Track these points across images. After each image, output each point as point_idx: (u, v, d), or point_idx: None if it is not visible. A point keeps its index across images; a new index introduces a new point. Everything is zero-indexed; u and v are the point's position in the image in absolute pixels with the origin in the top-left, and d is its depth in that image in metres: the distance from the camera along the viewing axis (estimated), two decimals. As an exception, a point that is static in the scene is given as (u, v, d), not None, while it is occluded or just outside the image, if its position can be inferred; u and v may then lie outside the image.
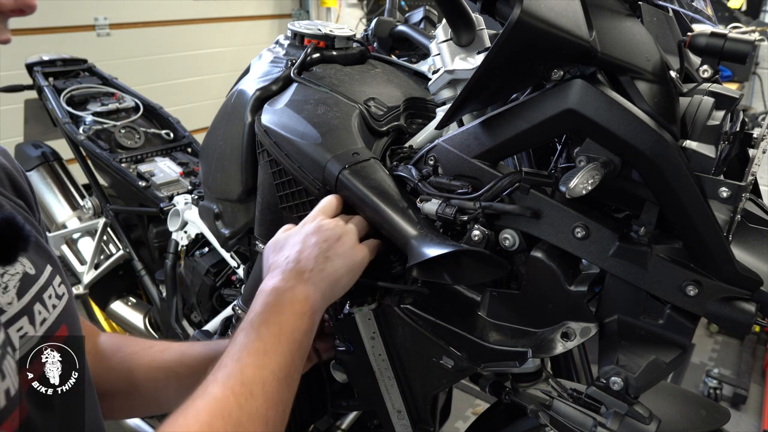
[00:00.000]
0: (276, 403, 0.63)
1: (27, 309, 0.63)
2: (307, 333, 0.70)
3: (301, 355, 0.69)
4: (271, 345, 0.65)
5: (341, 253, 0.76)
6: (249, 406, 0.60)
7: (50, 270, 0.69)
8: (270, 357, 0.64)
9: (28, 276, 0.65)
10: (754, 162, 0.73)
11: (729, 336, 2.84)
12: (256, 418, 0.59)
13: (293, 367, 0.67)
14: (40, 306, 0.66)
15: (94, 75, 2.22)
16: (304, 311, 0.70)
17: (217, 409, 0.58)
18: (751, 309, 0.66)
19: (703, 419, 0.89)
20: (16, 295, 0.62)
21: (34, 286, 0.65)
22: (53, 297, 0.68)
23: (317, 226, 0.78)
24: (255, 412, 0.60)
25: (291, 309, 0.69)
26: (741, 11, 3.12)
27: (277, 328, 0.67)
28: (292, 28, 1.14)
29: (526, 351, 0.75)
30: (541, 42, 0.63)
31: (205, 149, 1.16)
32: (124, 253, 1.87)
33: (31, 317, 0.64)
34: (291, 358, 0.67)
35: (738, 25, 3.04)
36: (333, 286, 0.75)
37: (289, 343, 0.67)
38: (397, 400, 0.89)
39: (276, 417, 0.62)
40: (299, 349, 0.68)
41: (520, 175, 0.72)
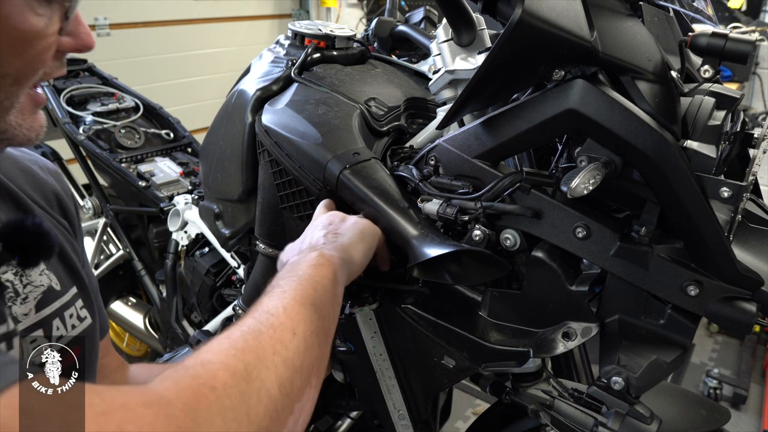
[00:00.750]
0: (303, 321, 0.57)
1: (44, 322, 0.64)
2: (333, 281, 0.66)
3: (328, 302, 0.64)
4: (289, 285, 0.62)
5: (349, 226, 0.77)
6: (269, 320, 0.55)
7: (75, 292, 0.70)
8: (289, 292, 0.60)
9: (52, 290, 0.66)
10: (755, 162, 0.73)
11: (729, 336, 2.84)
12: (279, 329, 0.54)
13: (320, 303, 0.62)
14: (59, 322, 0.66)
15: (94, 75, 2.22)
16: (322, 263, 0.67)
17: (235, 327, 0.54)
18: (751, 309, 0.66)
19: (703, 419, 0.89)
20: (34, 307, 0.63)
21: (56, 302, 0.66)
22: (74, 317, 0.68)
23: (318, 221, 0.79)
24: (278, 324, 0.55)
25: (308, 263, 0.67)
26: (741, 11, 3.12)
27: (295, 277, 0.63)
28: (293, 28, 1.14)
29: (527, 351, 0.75)
30: (542, 42, 0.63)
31: (205, 149, 1.16)
32: (124, 253, 1.87)
33: (48, 331, 0.64)
34: (315, 295, 0.62)
35: (738, 25, 3.04)
36: (348, 251, 0.73)
37: (310, 284, 0.63)
38: (398, 400, 0.89)
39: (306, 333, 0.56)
40: (325, 293, 0.64)
41: (521, 175, 0.72)
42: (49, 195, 0.76)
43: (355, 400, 0.98)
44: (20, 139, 0.61)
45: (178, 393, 0.43)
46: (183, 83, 4.18)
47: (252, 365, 0.49)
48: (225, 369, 0.47)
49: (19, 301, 0.63)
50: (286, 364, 0.52)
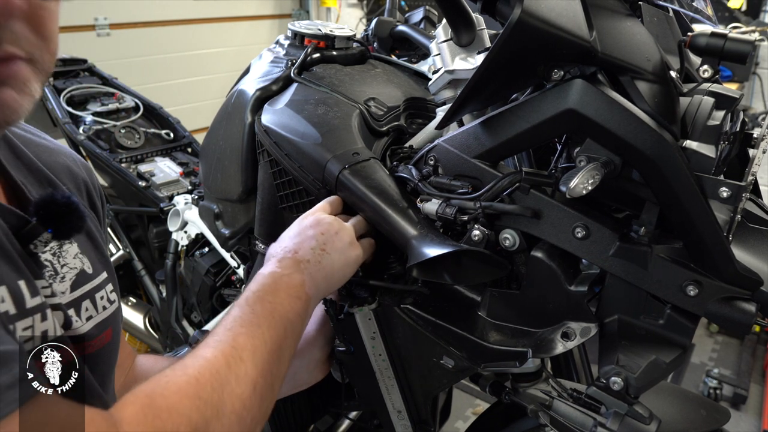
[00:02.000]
0: (265, 372, 0.62)
1: (75, 302, 0.68)
2: (301, 316, 0.71)
3: (294, 335, 0.69)
4: (264, 319, 0.66)
5: (338, 248, 0.77)
6: (238, 368, 0.59)
7: (106, 276, 0.74)
8: (263, 329, 0.64)
9: (84, 273, 0.70)
10: (754, 162, 0.73)
11: (729, 336, 2.84)
12: (244, 381, 0.59)
13: (285, 344, 0.67)
14: (89, 303, 0.70)
15: (94, 75, 2.22)
16: (299, 295, 0.71)
17: (206, 365, 0.58)
18: (751, 309, 0.66)
19: (703, 419, 0.89)
20: (69, 287, 0.67)
21: (88, 284, 0.70)
22: (105, 299, 0.72)
23: (316, 220, 0.79)
24: (244, 374, 0.59)
25: (287, 291, 0.70)
26: (741, 11, 3.12)
27: (271, 306, 0.67)
28: (292, 28, 1.14)
29: (526, 351, 0.75)
30: (541, 42, 0.63)
31: (205, 149, 1.16)
32: (124, 253, 1.87)
33: (78, 310, 0.68)
34: (284, 335, 0.66)
35: (738, 25, 3.04)
36: (328, 280, 0.76)
37: (282, 320, 0.67)
38: (398, 400, 0.89)
39: (265, 385, 0.62)
40: (293, 329, 0.68)
41: (520, 175, 0.72)
42: (80, 184, 0.79)
43: (354, 400, 0.98)
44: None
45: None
46: (183, 83, 4.18)
47: (209, 420, 0.54)
48: (188, 424, 0.52)
49: (58, 279, 0.66)
50: (239, 422, 0.57)
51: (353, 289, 0.84)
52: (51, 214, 0.62)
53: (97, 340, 0.69)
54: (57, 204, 0.63)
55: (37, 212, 0.62)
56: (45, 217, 0.62)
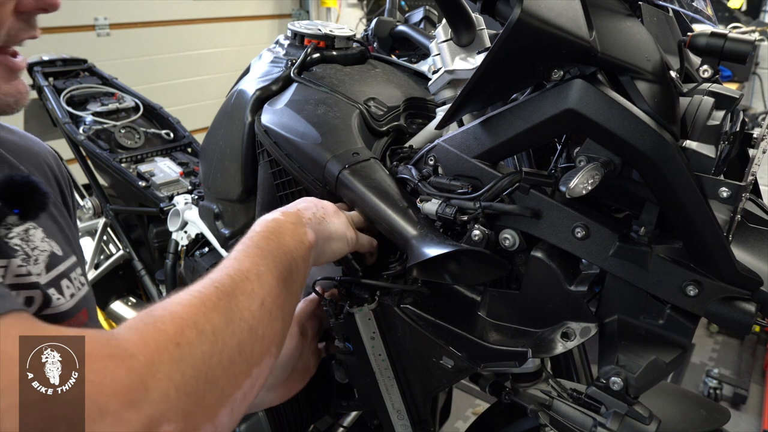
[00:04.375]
0: (273, 295, 0.59)
1: (54, 282, 0.68)
2: (305, 260, 0.68)
3: (298, 277, 0.66)
4: (269, 253, 0.63)
5: (336, 222, 0.77)
6: (244, 285, 0.57)
7: (75, 260, 0.74)
8: (268, 261, 0.62)
9: (56, 256, 0.70)
10: (754, 162, 0.73)
11: (729, 336, 2.84)
12: (251, 296, 0.56)
13: (291, 280, 0.63)
14: (68, 281, 0.70)
15: (94, 75, 2.22)
16: (303, 240, 0.68)
17: (209, 283, 0.55)
18: (751, 309, 0.66)
19: (703, 419, 0.89)
20: (44, 269, 0.67)
21: (60, 265, 0.71)
22: (77, 282, 0.72)
23: (312, 198, 0.79)
24: (250, 291, 0.57)
25: (291, 235, 0.68)
26: (741, 11, 3.12)
27: (276, 245, 0.65)
28: (292, 28, 1.14)
29: (526, 351, 0.75)
30: (541, 42, 0.63)
31: (205, 149, 1.16)
32: (124, 253, 1.87)
33: (60, 290, 0.68)
34: (288, 270, 0.63)
35: (738, 25, 3.04)
36: (327, 242, 0.74)
37: (287, 257, 0.64)
38: (397, 400, 0.89)
39: (273, 306, 0.58)
40: (297, 269, 0.65)
41: (520, 175, 0.72)
42: (44, 168, 0.79)
43: (354, 400, 0.98)
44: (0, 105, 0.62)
45: (142, 347, 0.44)
46: (183, 83, 4.18)
47: (218, 328, 0.50)
48: (193, 327, 0.48)
49: (31, 262, 0.66)
50: (250, 331, 0.54)
51: (353, 289, 0.84)
52: (13, 195, 0.63)
53: (75, 320, 0.69)
54: (17, 184, 0.64)
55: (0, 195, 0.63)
56: (8, 198, 0.63)
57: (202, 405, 0.46)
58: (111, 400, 0.40)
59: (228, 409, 0.49)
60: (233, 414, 0.50)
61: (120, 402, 0.41)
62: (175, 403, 0.44)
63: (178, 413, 0.44)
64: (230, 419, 0.50)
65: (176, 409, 0.44)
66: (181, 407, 0.44)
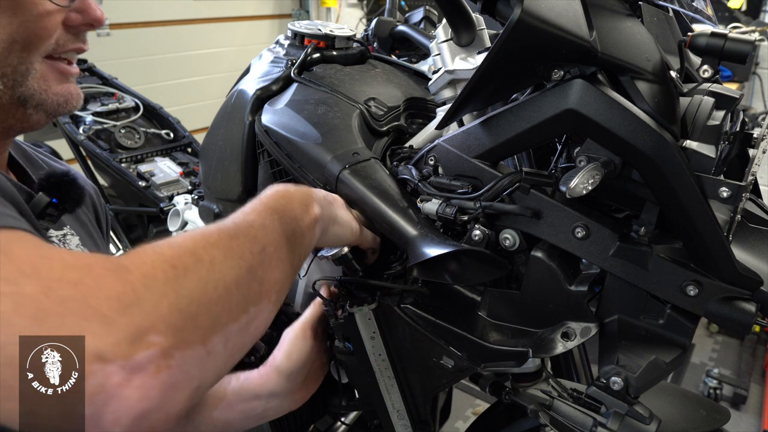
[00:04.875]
0: (275, 243, 0.59)
1: None
2: (311, 229, 0.69)
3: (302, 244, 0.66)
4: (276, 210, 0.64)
5: (343, 211, 0.78)
6: (247, 231, 0.57)
7: None
8: (274, 217, 0.62)
9: None
10: (754, 162, 0.73)
11: (729, 336, 2.84)
12: (252, 241, 0.56)
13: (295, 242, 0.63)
14: None
15: (94, 75, 2.23)
16: (309, 211, 0.69)
17: (213, 225, 0.56)
18: (751, 309, 0.66)
19: (703, 419, 0.89)
20: None
21: None
22: None
23: (322, 190, 0.80)
24: (253, 236, 0.57)
25: (300, 203, 0.69)
26: (741, 11, 3.12)
27: (283, 207, 0.65)
28: (292, 28, 1.14)
29: (526, 351, 0.75)
30: (541, 42, 0.63)
31: (205, 149, 1.16)
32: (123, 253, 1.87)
33: None
34: (293, 234, 0.63)
35: (738, 25, 3.04)
36: (332, 224, 0.75)
37: (293, 222, 0.65)
38: (397, 400, 0.89)
39: (274, 254, 0.58)
40: (302, 236, 0.66)
41: (520, 175, 0.72)
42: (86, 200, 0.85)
43: (354, 400, 0.98)
44: (50, 105, 0.71)
45: (139, 264, 0.46)
46: (183, 83, 4.18)
47: (217, 260, 0.51)
48: (190, 255, 0.49)
49: None
50: (249, 270, 0.54)
51: (353, 289, 0.84)
52: (53, 185, 0.72)
53: None
54: (57, 175, 0.73)
55: (41, 185, 0.72)
56: (48, 188, 0.72)
57: (193, 325, 0.46)
58: (103, 303, 0.42)
59: (222, 338, 0.49)
60: (227, 345, 0.50)
61: (111, 306, 0.42)
62: (166, 317, 0.44)
63: (168, 327, 0.44)
64: (224, 349, 0.50)
65: (166, 322, 0.44)
66: (172, 322, 0.44)
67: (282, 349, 0.87)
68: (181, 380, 0.45)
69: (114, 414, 0.41)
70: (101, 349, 0.41)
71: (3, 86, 0.68)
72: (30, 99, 0.69)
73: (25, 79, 0.68)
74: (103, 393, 0.41)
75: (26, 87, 0.69)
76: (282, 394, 0.88)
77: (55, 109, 0.72)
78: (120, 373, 0.41)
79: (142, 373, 0.42)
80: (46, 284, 0.42)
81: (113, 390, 0.41)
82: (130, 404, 0.42)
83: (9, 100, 0.69)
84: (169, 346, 0.44)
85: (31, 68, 0.68)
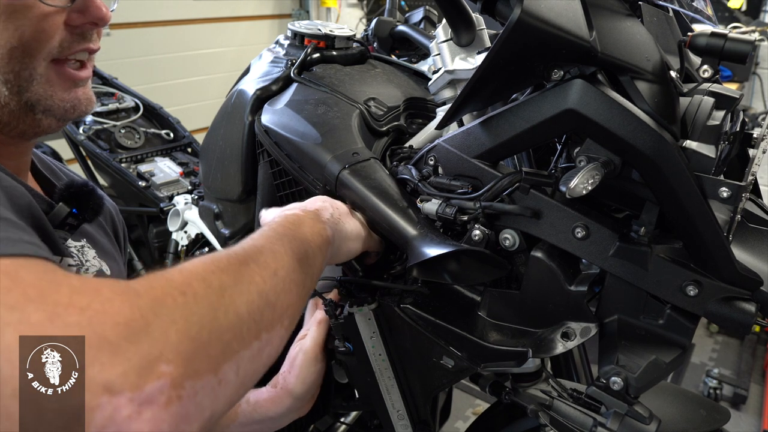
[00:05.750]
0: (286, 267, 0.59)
1: None
2: (322, 251, 0.69)
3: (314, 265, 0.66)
4: (286, 237, 0.63)
5: (351, 222, 0.78)
6: (257, 257, 0.57)
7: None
8: (284, 241, 0.62)
9: (104, 273, 0.75)
10: (754, 162, 0.73)
11: (729, 336, 2.84)
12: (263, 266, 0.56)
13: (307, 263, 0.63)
14: None
15: (94, 75, 2.22)
16: (321, 233, 0.69)
17: (223, 252, 0.56)
18: (751, 309, 0.66)
19: (703, 419, 0.89)
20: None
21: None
22: None
23: (323, 198, 0.80)
24: (263, 262, 0.57)
25: (310, 227, 0.69)
26: (741, 11, 3.12)
27: (293, 232, 0.65)
28: (292, 28, 1.14)
29: (526, 351, 0.75)
30: (541, 42, 0.63)
31: (205, 149, 1.16)
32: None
33: None
34: (305, 255, 0.63)
35: (738, 25, 3.04)
36: (344, 242, 0.75)
37: (304, 245, 0.64)
38: (397, 400, 0.89)
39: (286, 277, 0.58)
40: (314, 257, 0.66)
41: (520, 175, 0.72)
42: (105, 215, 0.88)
43: (354, 401, 0.98)
44: (58, 111, 0.70)
45: (148, 289, 0.45)
46: (183, 83, 4.18)
47: (227, 285, 0.50)
48: (201, 281, 0.48)
49: (82, 270, 0.71)
50: (260, 294, 0.53)
51: (353, 289, 0.84)
52: (72, 195, 0.73)
53: None
54: (77, 186, 0.74)
55: (61, 195, 0.72)
56: (68, 197, 0.72)
57: (204, 353, 0.45)
58: (111, 330, 0.41)
59: (233, 365, 0.48)
60: (239, 373, 0.49)
61: (119, 332, 0.41)
62: (176, 345, 0.43)
63: (178, 356, 0.43)
64: (236, 377, 0.48)
65: (176, 351, 0.43)
66: (182, 350, 0.43)
67: (295, 375, 0.87)
68: (192, 411, 0.43)
69: None
70: (109, 380, 0.39)
71: (8, 92, 0.67)
72: (37, 104, 0.69)
73: (29, 85, 0.67)
74: (112, 426, 0.39)
75: (32, 92, 0.68)
76: (294, 411, 0.89)
77: (63, 115, 0.71)
78: (129, 405, 0.40)
79: (153, 405, 0.41)
80: (53, 310, 0.41)
81: (123, 424, 0.40)
82: None
83: (17, 105, 0.68)
84: (180, 375, 0.42)
85: (35, 73, 0.67)
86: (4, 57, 0.65)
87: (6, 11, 0.63)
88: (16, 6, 0.63)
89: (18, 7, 0.63)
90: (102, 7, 0.70)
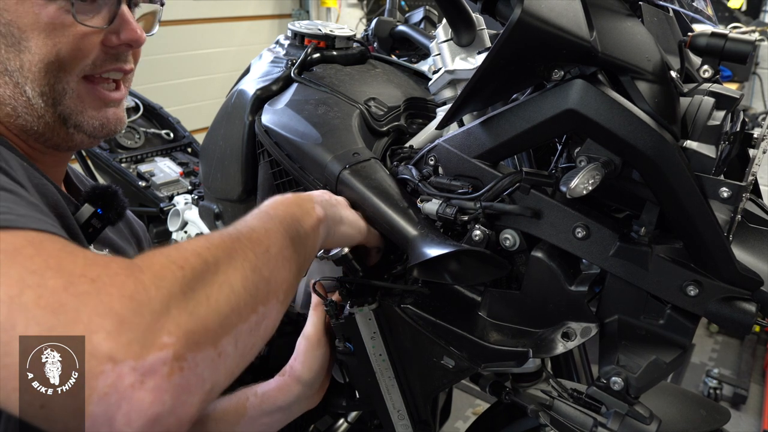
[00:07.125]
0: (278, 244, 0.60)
1: None
2: (314, 230, 0.69)
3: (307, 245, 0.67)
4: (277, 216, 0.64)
5: (347, 210, 0.79)
6: (249, 234, 0.58)
7: None
8: (276, 221, 0.63)
9: None
10: (755, 162, 0.73)
11: (729, 336, 2.84)
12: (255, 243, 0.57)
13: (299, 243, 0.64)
14: None
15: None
16: (311, 213, 0.70)
17: (215, 232, 0.58)
18: (751, 309, 0.66)
19: (703, 419, 0.89)
20: None
21: None
22: None
23: (323, 191, 0.80)
24: (255, 239, 0.58)
25: (300, 206, 0.69)
26: (741, 11, 3.12)
27: (284, 212, 0.66)
28: (293, 28, 1.14)
29: (526, 351, 0.75)
30: (541, 42, 0.63)
31: (205, 149, 1.16)
32: (124, 253, 1.87)
33: None
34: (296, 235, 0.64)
35: (738, 25, 3.04)
36: (338, 224, 0.76)
37: (295, 224, 0.65)
38: (398, 400, 0.89)
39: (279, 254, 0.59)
40: (306, 237, 0.67)
41: (520, 175, 0.72)
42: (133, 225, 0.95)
43: (354, 401, 0.98)
44: (87, 127, 0.73)
45: (149, 265, 0.48)
46: (183, 83, 4.18)
47: (221, 260, 0.52)
48: (197, 256, 0.50)
49: None
50: (253, 270, 0.55)
51: (354, 289, 0.84)
52: (98, 196, 0.77)
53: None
54: (101, 188, 0.78)
55: (87, 197, 0.76)
56: (93, 199, 0.76)
57: (203, 327, 0.47)
58: (118, 301, 0.43)
59: (232, 339, 0.49)
60: (238, 345, 0.50)
61: (125, 304, 0.43)
62: (176, 318, 0.45)
63: (179, 328, 0.44)
64: (235, 350, 0.50)
65: (177, 323, 0.45)
66: (182, 323, 0.45)
67: (300, 361, 0.87)
68: (193, 383, 0.45)
69: (126, 417, 0.41)
70: (113, 348, 0.41)
71: (44, 104, 0.70)
72: (68, 118, 0.72)
73: (62, 98, 0.70)
74: (115, 394, 0.41)
75: (64, 106, 0.71)
76: (303, 400, 0.89)
77: (93, 131, 0.74)
78: (132, 374, 0.41)
79: (155, 375, 0.42)
80: (68, 279, 0.43)
81: (125, 392, 0.41)
82: (143, 407, 0.41)
83: (52, 117, 0.71)
84: (181, 347, 0.44)
85: (68, 87, 0.70)
86: (41, 70, 0.68)
87: (46, 28, 0.66)
88: (56, 24, 0.67)
89: (57, 26, 0.67)
90: (137, 29, 0.74)
